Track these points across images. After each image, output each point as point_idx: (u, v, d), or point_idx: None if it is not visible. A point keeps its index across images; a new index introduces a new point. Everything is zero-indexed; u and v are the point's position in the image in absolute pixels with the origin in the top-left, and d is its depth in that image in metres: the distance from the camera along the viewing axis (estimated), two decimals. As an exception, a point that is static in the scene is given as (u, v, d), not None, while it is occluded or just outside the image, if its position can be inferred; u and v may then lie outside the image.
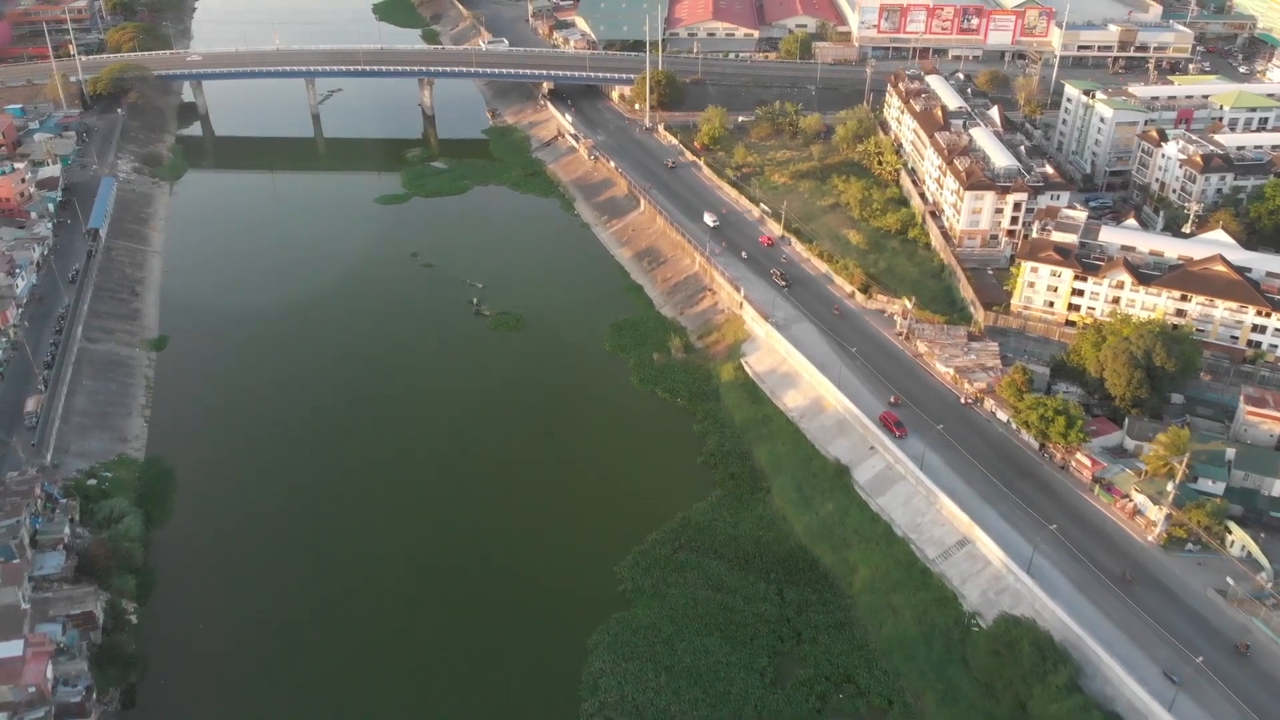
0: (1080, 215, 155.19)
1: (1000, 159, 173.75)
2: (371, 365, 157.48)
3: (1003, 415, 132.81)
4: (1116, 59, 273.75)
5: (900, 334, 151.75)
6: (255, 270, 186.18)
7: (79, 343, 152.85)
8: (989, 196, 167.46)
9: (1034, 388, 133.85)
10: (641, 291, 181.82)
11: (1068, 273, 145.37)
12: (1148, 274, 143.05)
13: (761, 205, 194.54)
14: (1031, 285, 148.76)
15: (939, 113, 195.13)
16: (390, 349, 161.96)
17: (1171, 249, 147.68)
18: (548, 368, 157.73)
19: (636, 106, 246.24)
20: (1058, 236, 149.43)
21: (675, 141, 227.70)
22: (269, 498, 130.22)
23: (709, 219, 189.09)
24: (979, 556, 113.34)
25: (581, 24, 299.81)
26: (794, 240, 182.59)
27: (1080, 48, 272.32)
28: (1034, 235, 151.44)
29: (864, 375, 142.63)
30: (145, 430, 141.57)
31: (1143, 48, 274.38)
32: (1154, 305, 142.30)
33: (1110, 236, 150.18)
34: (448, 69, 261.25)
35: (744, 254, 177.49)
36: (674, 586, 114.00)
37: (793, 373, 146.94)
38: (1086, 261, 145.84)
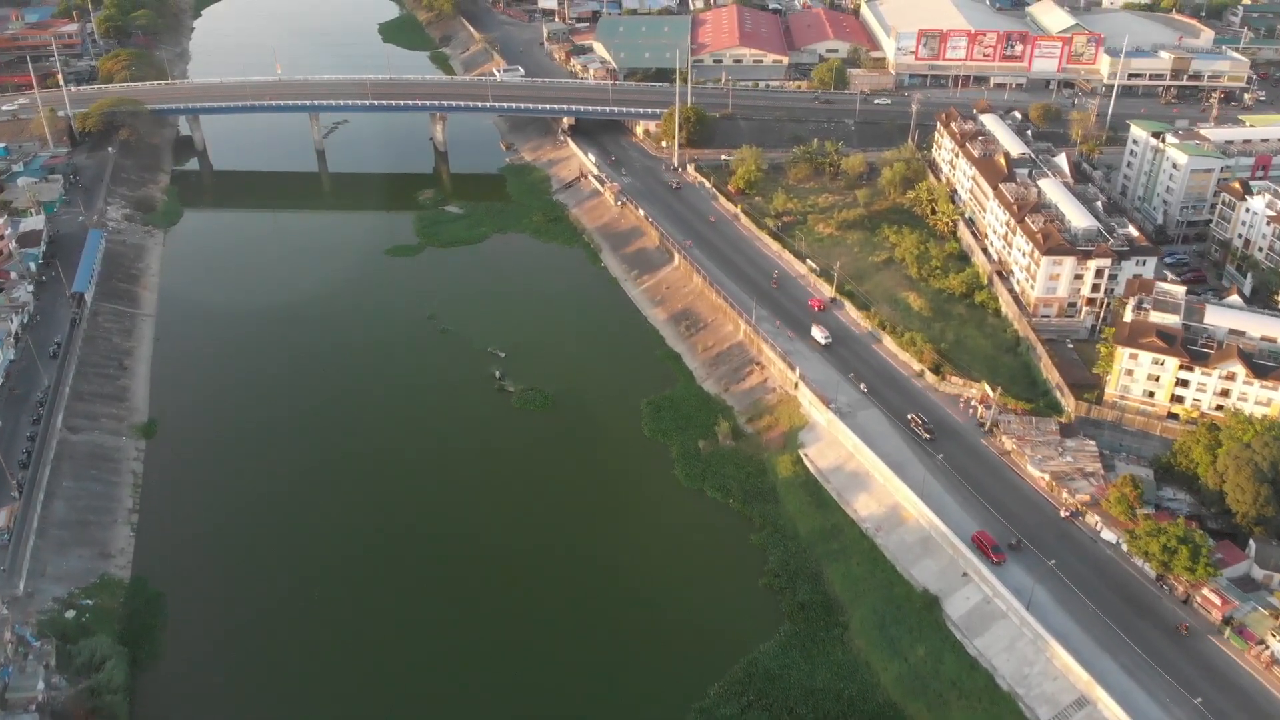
0: (1179, 290, 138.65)
1: (1078, 218, 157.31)
2: (389, 458, 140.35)
3: (1109, 534, 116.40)
4: (1169, 88, 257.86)
5: (982, 425, 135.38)
6: (255, 337, 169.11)
7: (59, 433, 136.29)
8: (1068, 262, 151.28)
9: (1143, 499, 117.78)
10: (680, 360, 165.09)
11: (1172, 361, 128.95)
12: (1264, 365, 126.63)
13: (809, 262, 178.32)
14: (1130, 373, 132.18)
15: (1001, 160, 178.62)
16: (409, 437, 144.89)
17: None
18: (581, 461, 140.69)
19: (663, 144, 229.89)
20: (1157, 317, 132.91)
21: (708, 184, 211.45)
22: (272, 630, 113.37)
23: (819, 335, 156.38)
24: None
25: (600, 49, 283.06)
26: (847, 304, 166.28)
27: (1131, 76, 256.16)
28: (1131, 316, 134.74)
29: (947, 481, 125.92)
30: (132, 542, 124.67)
31: (1196, 76, 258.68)
32: (1269, 399, 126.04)
33: (1217, 318, 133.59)
34: (462, 104, 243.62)
35: (830, 350, 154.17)
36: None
37: (862, 472, 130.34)
38: (1193, 349, 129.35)
